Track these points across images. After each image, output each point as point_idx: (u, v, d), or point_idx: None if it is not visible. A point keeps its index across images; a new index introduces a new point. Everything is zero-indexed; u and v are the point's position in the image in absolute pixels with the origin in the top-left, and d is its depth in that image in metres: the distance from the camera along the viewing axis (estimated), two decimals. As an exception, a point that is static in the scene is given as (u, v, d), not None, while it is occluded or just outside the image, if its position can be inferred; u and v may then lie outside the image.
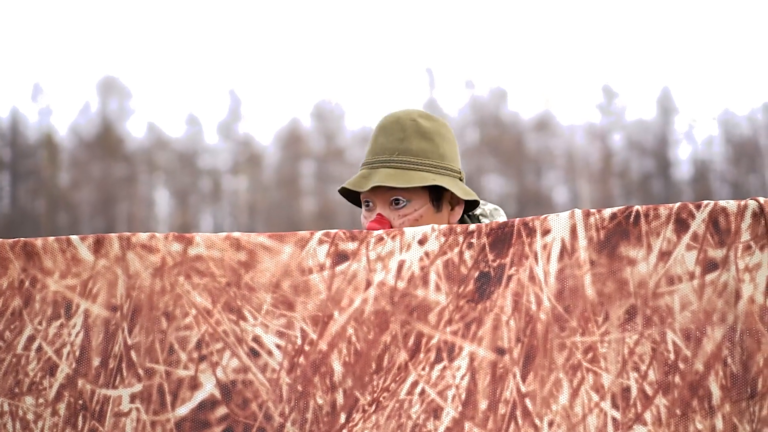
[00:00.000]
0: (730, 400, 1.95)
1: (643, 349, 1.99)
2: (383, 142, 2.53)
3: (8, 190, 44.50)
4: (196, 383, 2.10)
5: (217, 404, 2.09)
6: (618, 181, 44.85)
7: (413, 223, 2.48)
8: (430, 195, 2.50)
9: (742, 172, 44.31)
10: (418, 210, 2.49)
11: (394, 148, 2.51)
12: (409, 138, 2.51)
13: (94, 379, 2.13)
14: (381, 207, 2.50)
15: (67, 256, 2.19)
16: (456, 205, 2.54)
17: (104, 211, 44.74)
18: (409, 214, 2.48)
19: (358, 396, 2.07)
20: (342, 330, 2.10)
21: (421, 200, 2.49)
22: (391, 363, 2.07)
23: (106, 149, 44.88)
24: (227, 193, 46.54)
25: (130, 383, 2.11)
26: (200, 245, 2.16)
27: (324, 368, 2.09)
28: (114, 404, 2.11)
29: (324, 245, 2.14)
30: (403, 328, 2.08)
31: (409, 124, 2.53)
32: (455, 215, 2.54)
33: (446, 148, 2.53)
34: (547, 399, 1.99)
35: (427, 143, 2.51)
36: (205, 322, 2.13)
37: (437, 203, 2.51)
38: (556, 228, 2.07)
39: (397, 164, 2.49)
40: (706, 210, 2.02)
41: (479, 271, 2.08)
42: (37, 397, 2.13)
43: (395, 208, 2.49)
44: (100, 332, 2.15)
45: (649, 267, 2.02)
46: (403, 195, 2.48)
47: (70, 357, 2.15)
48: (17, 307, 2.18)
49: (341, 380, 2.08)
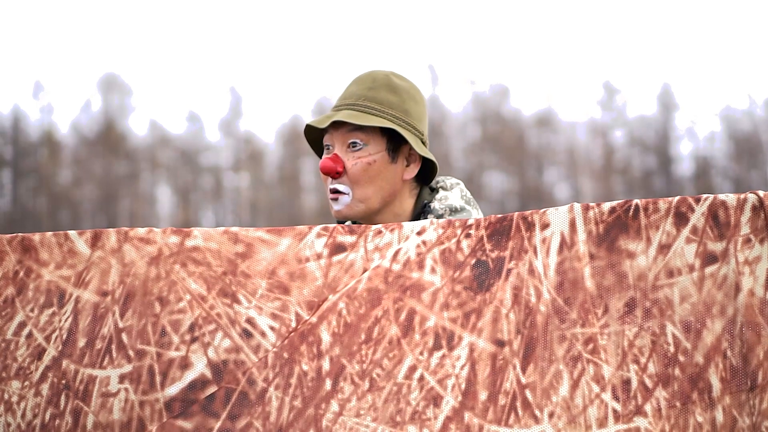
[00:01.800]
0: (730, 392, 1.95)
1: (643, 341, 1.99)
2: (353, 90, 2.61)
3: (10, 187, 44.53)
4: (186, 363, 2.10)
5: (207, 384, 2.08)
6: (619, 177, 44.87)
7: (366, 167, 2.53)
8: (388, 144, 2.56)
9: (743, 168, 44.30)
10: (373, 155, 2.54)
11: (361, 95, 2.58)
12: (377, 88, 2.58)
13: (78, 359, 2.12)
14: (339, 149, 2.57)
15: (64, 249, 2.19)
16: (413, 162, 2.59)
17: (106, 208, 44.78)
18: (363, 157, 2.54)
19: (345, 363, 2.06)
20: (333, 305, 2.10)
21: (377, 146, 2.55)
22: (381, 335, 2.07)
23: (108, 147, 44.92)
24: (229, 191, 46.57)
25: (119, 364, 2.11)
26: (198, 238, 2.16)
27: (312, 338, 2.08)
28: (101, 384, 2.10)
29: (322, 238, 2.15)
30: (396, 304, 2.08)
31: (381, 77, 2.61)
32: (410, 171, 2.59)
33: (412, 106, 2.60)
34: (547, 390, 1.99)
35: (394, 96, 2.58)
36: (199, 306, 2.12)
37: (393, 153, 2.57)
38: (555, 222, 2.07)
39: (361, 108, 2.56)
40: (705, 203, 2.02)
41: (476, 259, 2.08)
42: (23, 381, 2.13)
43: (351, 150, 2.55)
44: (89, 315, 2.15)
45: (648, 260, 2.02)
46: (360, 138, 2.54)
47: (58, 340, 2.14)
48: (10, 295, 2.19)
49: (328, 348, 2.07)
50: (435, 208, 2.56)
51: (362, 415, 2.04)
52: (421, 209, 2.60)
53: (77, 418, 2.10)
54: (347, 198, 2.53)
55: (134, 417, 2.08)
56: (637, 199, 2.06)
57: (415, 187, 2.62)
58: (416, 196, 2.62)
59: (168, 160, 46.54)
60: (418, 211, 2.60)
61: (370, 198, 2.54)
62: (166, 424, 2.07)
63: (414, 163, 2.59)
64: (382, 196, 2.55)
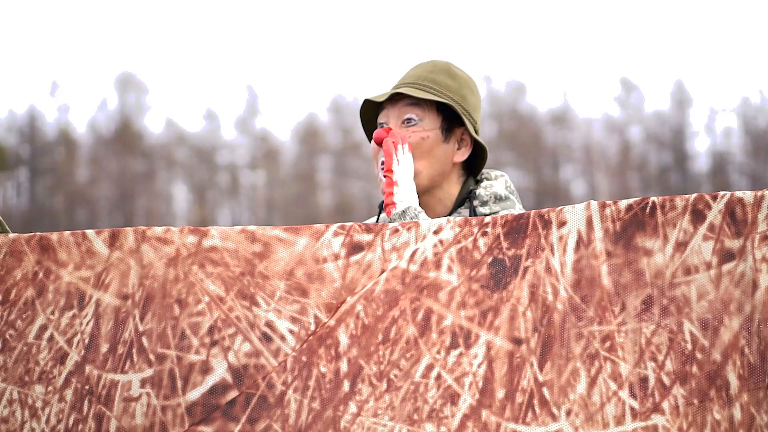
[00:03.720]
0: (747, 389, 1.95)
1: (660, 339, 1.98)
2: (413, 72, 2.64)
3: (27, 186, 44.69)
4: (207, 367, 2.10)
5: (228, 388, 2.09)
6: (636, 174, 44.74)
7: (419, 140, 2.55)
8: (442, 123, 2.58)
9: (760, 164, 44.12)
10: (427, 131, 2.56)
11: (421, 75, 2.61)
12: (437, 72, 2.61)
13: (102, 364, 2.13)
14: (393, 123, 2.59)
15: (82, 249, 2.20)
16: (464, 146, 2.62)
17: (122, 206, 44.89)
18: (417, 132, 2.56)
19: (362, 364, 2.07)
20: (351, 308, 2.10)
21: (432, 123, 2.57)
22: (398, 335, 2.07)
23: (124, 145, 45.03)
24: (245, 188, 46.64)
25: (140, 368, 2.12)
26: (215, 237, 2.17)
27: (330, 341, 2.09)
28: (123, 389, 2.11)
29: (339, 237, 2.15)
30: (413, 304, 2.09)
31: (442, 64, 2.64)
32: (461, 155, 2.62)
33: (469, 94, 2.63)
34: (564, 388, 1.99)
35: (453, 82, 2.61)
36: (217, 308, 2.13)
37: (447, 133, 2.59)
38: (571, 220, 2.07)
39: (420, 86, 2.58)
40: (722, 201, 2.02)
41: (492, 257, 2.09)
42: (46, 386, 2.14)
43: (406, 126, 2.57)
44: (110, 319, 2.16)
45: (665, 257, 2.02)
46: (416, 113, 2.57)
47: (80, 345, 2.15)
48: (30, 297, 2.20)
49: (346, 350, 2.08)
50: (480, 195, 2.59)
51: (380, 415, 2.04)
52: (466, 195, 2.61)
53: (100, 423, 2.11)
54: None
55: (156, 422, 2.09)
56: (653, 196, 2.06)
57: (462, 174, 2.64)
58: (462, 183, 2.64)
59: (184, 158, 46.64)
60: (463, 197, 2.61)
61: (421, 173, 2.55)
62: (189, 431, 2.08)
63: (465, 147, 2.61)
64: (431, 174, 2.57)
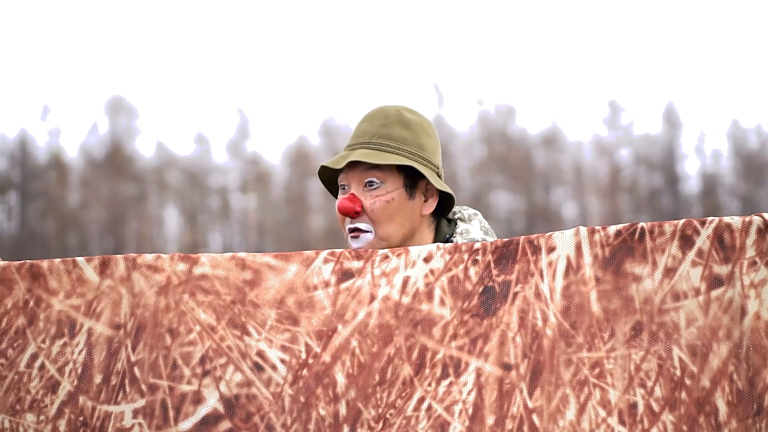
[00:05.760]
0: (736, 416, 1.95)
1: (650, 365, 1.99)
2: (365, 127, 2.59)
3: (17, 210, 44.58)
4: (199, 398, 2.11)
5: (220, 419, 2.09)
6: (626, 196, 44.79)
7: (384, 205, 2.51)
8: (405, 181, 2.54)
9: (751, 186, 44.22)
10: (391, 192, 2.52)
11: (375, 133, 2.56)
12: (390, 125, 2.57)
13: (95, 395, 2.13)
14: (355, 188, 2.54)
15: (73, 277, 2.20)
16: (430, 197, 2.58)
17: (114, 230, 44.80)
18: (381, 196, 2.52)
19: (361, 408, 2.07)
20: (346, 342, 2.10)
21: (394, 183, 2.53)
22: (394, 376, 2.07)
23: (115, 169, 44.97)
24: (236, 212, 46.57)
25: (132, 399, 2.12)
26: (206, 265, 2.17)
27: (327, 380, 2.09)
28: (116, 420, 2.11)
29: (329, 264, 2.15)
30: (408, 341, 2.09)
31: (393, 113, 2.59)
32: (429, 207, 2.58)
33: (426, 140, 2.58)
34: (554, 414, 1.99)
35: (408, 132, 2.56)
36: (209, 338, 2.13)
37: (411, 190, 2.55)
38: (561, 245, 2.08)
39: (375, 146, 2.54)
40: (710, 226, 2.03)
41: (483, 286, 2.09)
42: (38, 414, 2.14)
43: (368, 189, 2.53)
44: (103, 350, 2.16)
45: (654, 283, 2.02)
46: (377, 176, 2.52)
47: (72, 374, 2.15)
48: (21, 326, 2.19)
49: (344, 391, 2.08)
50: (458, 243, 2.56)
51: None
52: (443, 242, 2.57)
53: None
54: (370, 236, 2.51)
55: None
56: (643, 221, 2.07)
57: (433, 221, 2.61)
58: (435, 230, 2.61)
59: (175, 181, 46.59)
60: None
61: (392, 236, 2.52)
62: None
63: (432, 198, 2.58)
64: (402, 233, 2.54)
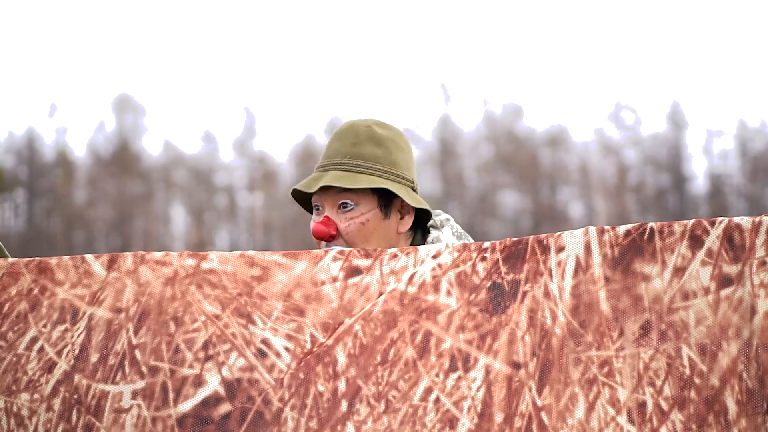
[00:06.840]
0: (746, 415, 1.95)
1: (659, 364, 1.99)
2: (336, 146, 2.54)
3: (24, 208, 44.68)
4: (200, 381, 2.10)
5: (221, 401, 2.09)
6: (633, 196, 44.75)
7: (359, 227, 2.48)
8: (379, 200, 2.51)
9: (758, 186, 44.16)
10: (366, 214, 2.49)
11: (346, 152, 2.52)
12: (361, 143, 2.52)
13: (91, 374, 2.13)
14: (329, 210, 2.51)
15: (80, 271, 2.22)
16: (406, 214, 2.54)
17: (120, 228, 44.87)
18: (355, 218, 2.49)
19: (360, 384, 2.07)
20: (349, 328, 2.11)
21: (369, 204, 2.50)
22: (396, 356, 2.07)
23: (122, 167, 45.05)
24: (243, 210, 46.64)
25: (132, 380, 2.11)
26: (214, 261, 2.18)
27: (327, 359, 2.09)
28: (114, 400, 2.11)
29: (338, 262, 2.16)
30: (411, 327, 2.09)
31: (363, 130, 2.54)
32: (405, 224, 2.55)
33: (399, 155, 2.54)
34: (563, 413, 1.99)
35: (380, 149, 2.52)
36: (213, 325, 2.13)
37: (386, 209, 2.51)
38: (570, 245, 2.08)
39: (348, 167, 2.50)
40: (720, 226, 2.03)
41: (491, 282, 2.09)
42: (32, 393, 2.14)
43: (343, 211, 2.50)
44: (102, 331, 2.16)
45: (663, 283, 2.02)
46: (351, 198, 2.49)
47: (69, 355, 2.15)
48: (23, 311, 2.20)
49: (344, 369, 2.08)
50: None
51: None
52: None
53: None
54: None
55: None
56: (652, 221, 2.07)
57: (410, 235, 2.59)
58: (411, 244, 2.58)
59: (182, 179, 46.65)
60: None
61: None
62: None
63: (408, 215, 2.55)
64: None
